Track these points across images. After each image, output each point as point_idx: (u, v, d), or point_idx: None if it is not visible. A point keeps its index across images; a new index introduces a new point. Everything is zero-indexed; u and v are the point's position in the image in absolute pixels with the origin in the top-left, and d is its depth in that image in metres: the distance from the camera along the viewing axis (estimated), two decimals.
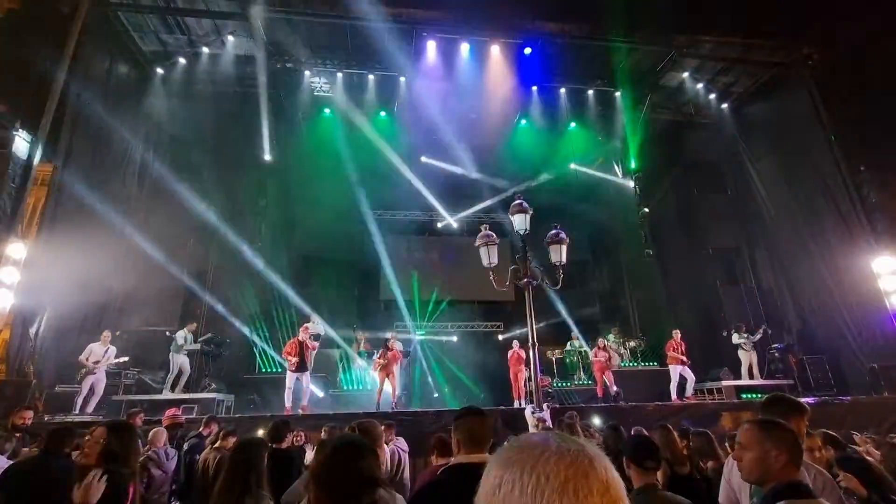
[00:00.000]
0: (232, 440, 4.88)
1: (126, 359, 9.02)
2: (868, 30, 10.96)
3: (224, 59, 12.42)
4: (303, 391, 9.11)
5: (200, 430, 5.81)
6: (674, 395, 10.20)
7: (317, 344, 9.65)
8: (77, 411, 8.20)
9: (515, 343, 10.78)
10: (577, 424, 6.02)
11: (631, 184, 14.86)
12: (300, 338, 9.22)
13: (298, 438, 6.23)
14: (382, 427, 5.53)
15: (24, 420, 5.35)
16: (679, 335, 10.57)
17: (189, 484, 4.85)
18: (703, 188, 15.10)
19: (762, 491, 1.80)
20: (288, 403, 8.89)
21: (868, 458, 3.66)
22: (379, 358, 9.61)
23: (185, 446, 5.29)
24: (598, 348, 10.76)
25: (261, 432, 6.34)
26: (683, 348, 10.41)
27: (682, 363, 10.25)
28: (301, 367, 9.00)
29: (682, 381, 10.31)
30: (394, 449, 5.20)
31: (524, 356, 10.26)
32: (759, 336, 11.16)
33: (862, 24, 10.93)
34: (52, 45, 9.62)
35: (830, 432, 3.76)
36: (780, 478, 1.73)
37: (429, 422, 7.66)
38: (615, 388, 10.34)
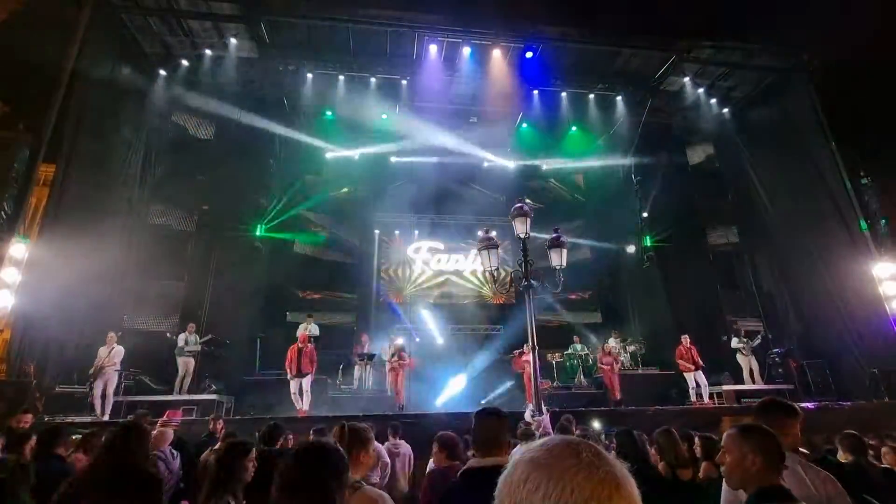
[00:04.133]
0: None
1: (120, 357, 8.91)
2: (868, 37, 11.01)
3: (226, 61, 12.45)
4: (302, 395, 9.19)
5: (210, 428, 5.89)
6: (693, 400, 10.18)
7: (311, 346, 9.71)
8: (100, 414, 8.21)
9: (526, 346, 10.74)
10: (573, 427, 6.03)
11: (632, 187, 14.88)
12: (299, 344, 9.36)
13: (288, 442, 6.21)
14: (388, 430, 5.60)
15: (23, 423, 5.27)
16: (688, 340, 10.54)
17: (189, 483, 4.85)
18: (703, 192, 15.12)
19: (745, 496, 1.80)
20: (298, 405, 9.15)
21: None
22: (392, 361, 9.73)
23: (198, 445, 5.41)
24: (604, 353, 10.74)
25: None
26: (693, 353, 10.38)
27: (692, 369, 10.22)
28: (298, 372, 9.09)
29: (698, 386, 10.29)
30: (388, 448, 5.24)
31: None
32: (757, 342, 11.15)
33: (862, 30, 10.98)
34: (56, 47, 9.67)
35: (852, 432, 3.75)
36: (760, 482, 1.74)
37: (430, 424, 7.64)
38: (618, 391, 10.37)
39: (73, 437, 4.35)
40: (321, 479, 1.46)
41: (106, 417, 8.13)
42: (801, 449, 2.45)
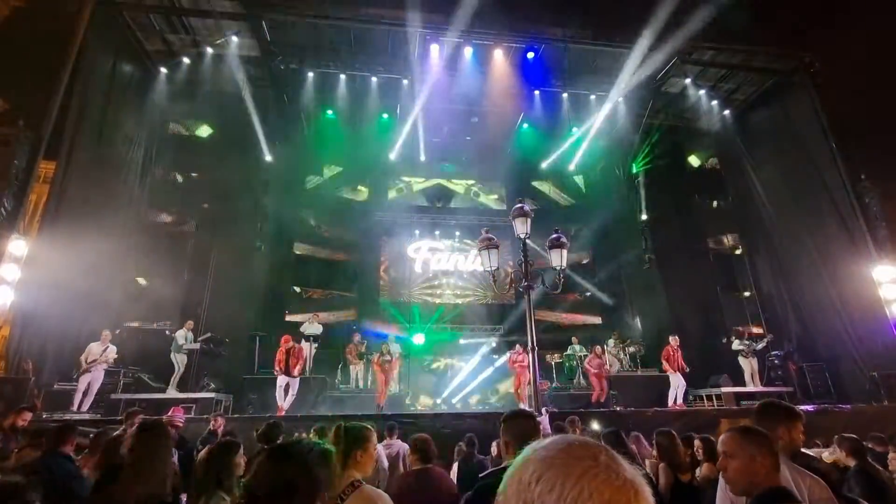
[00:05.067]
0: None
1: (115, 355, 8.83)
2: (870, 40, 11.02)
3: (228, 60, 12.44)
4: (284, 394, 9.17)
5: (210, 426, 5.89)
6: (670, 402, 10.16)
7: (302, 347, 9.67)
8: (75, 408, 8.18)
9: (518, 346, 10.77)
10: (577, 429, 6.03)
11: (632, 188, 14.88)
12: (287, 344, 9.34)
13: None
14: (385, 429, 5.59)
15: (24, 421, 5.29)
16: (676, 342, 10.47)
17: (188, 482, 4.85)
18: (704, 194, 15.12)
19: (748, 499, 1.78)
20: (279, 403, 9.08)
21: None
22: (377, 360, 9.68)
23: (198, 442, 5.39)
24: (594, 355, 10.75)
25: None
26: (679, 356, 10.32)
27: (675, 371, 10.17)
28: (285, 370, 9.10)
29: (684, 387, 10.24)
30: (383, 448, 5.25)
31: (526, 359, 10.23)
32: (762, 344, 11.12)
33: (864, 33, 10.99)
34: (57, 44, 9.67)
35: (851, 435, 3.69)
36: (764, 484, 1.72)
37: (427, 424, 7.64)
38: (605, 394, 10.35)
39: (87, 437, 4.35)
40: (286, 481, 1.43)
41: (85, 412, 8.14)
42: (803, 450, 2.43)
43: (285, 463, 1.46)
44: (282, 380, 9.14)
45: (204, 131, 13.46)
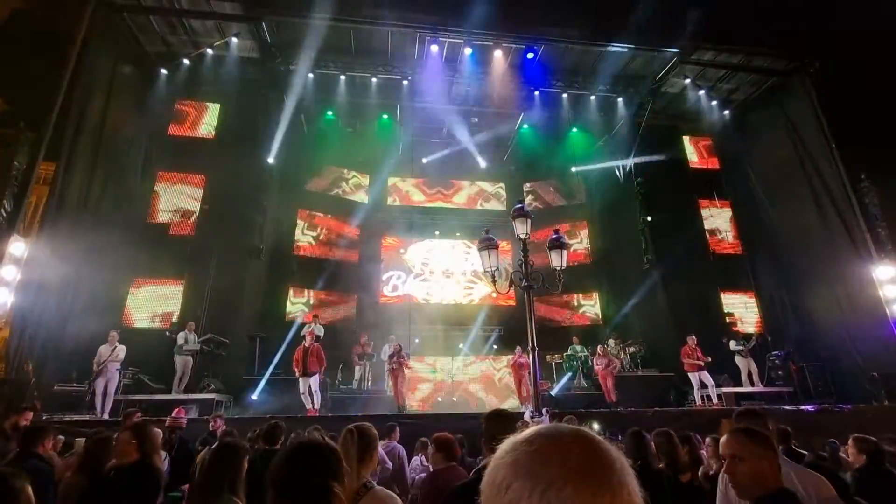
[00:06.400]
0: None
1: (123, 355, 8.87)
2: (869, 40, 11.02)
3: (228, 61, 12.45)
4: (309, 395, 9.15)
5: (210, 426, 5.90)
6: (698, 402, 10.16)
7: (318, 346, 9.67)
8: (100, 413, 8.14)
9: (518, 348, 10.78)
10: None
11: (632, 189, 14.87)
12: (305, 343, 9.31)
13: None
14: (385, 430, 5.60)
15: (26, 421, 5.31)
16: (694, 341, 10.49)
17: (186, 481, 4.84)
18: (704, 194, 15.11)
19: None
20: (308, 405, 9.10)
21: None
22: (391, 363, 9.77)
23: (198, 443, 5.41)
24: (599, 355, 10.75)
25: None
26: (699, 353, 10.34)
27: (700, 368, 10.20)
28: (304, 371, 9.04)
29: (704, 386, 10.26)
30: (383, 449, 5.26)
31: (527, 361, 10.23)
32: (753, 343, 11.14)
33: (863, 34, 10.99)
34: (57, 45, 9.68)
35: (868, 436, 3.66)
36: (770, 485, 1.71)
37: (428, 424, 7.63)
38: (612, 393, 10.37)
39: (59, 437, 4.33)
40: (316, 478, 1.43)
41: (105, 416, 8.09)
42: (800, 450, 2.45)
43: (311, 463, 1.47)
44: (302, 384, 9.10)
45: (204, 132, 13.46)
